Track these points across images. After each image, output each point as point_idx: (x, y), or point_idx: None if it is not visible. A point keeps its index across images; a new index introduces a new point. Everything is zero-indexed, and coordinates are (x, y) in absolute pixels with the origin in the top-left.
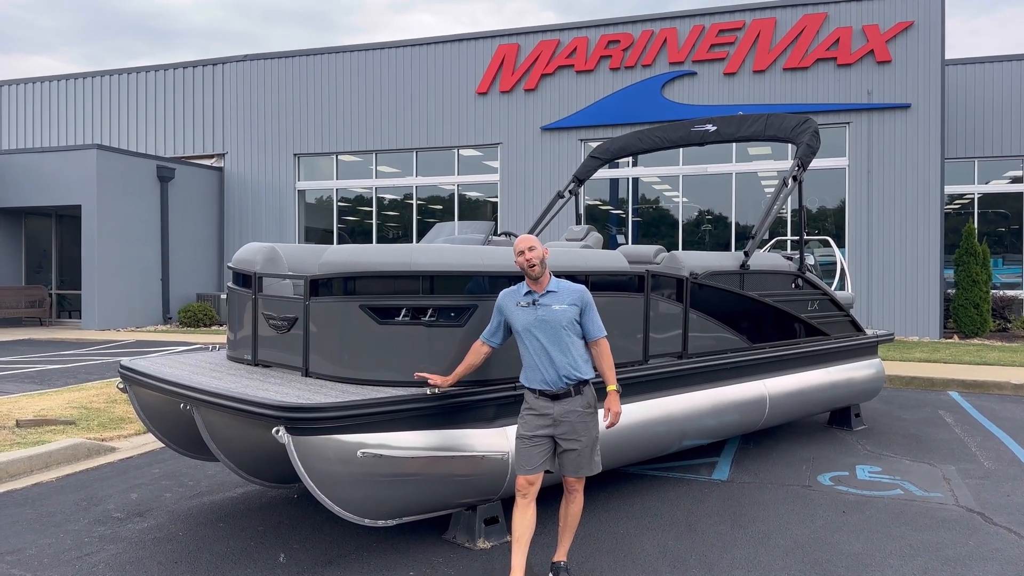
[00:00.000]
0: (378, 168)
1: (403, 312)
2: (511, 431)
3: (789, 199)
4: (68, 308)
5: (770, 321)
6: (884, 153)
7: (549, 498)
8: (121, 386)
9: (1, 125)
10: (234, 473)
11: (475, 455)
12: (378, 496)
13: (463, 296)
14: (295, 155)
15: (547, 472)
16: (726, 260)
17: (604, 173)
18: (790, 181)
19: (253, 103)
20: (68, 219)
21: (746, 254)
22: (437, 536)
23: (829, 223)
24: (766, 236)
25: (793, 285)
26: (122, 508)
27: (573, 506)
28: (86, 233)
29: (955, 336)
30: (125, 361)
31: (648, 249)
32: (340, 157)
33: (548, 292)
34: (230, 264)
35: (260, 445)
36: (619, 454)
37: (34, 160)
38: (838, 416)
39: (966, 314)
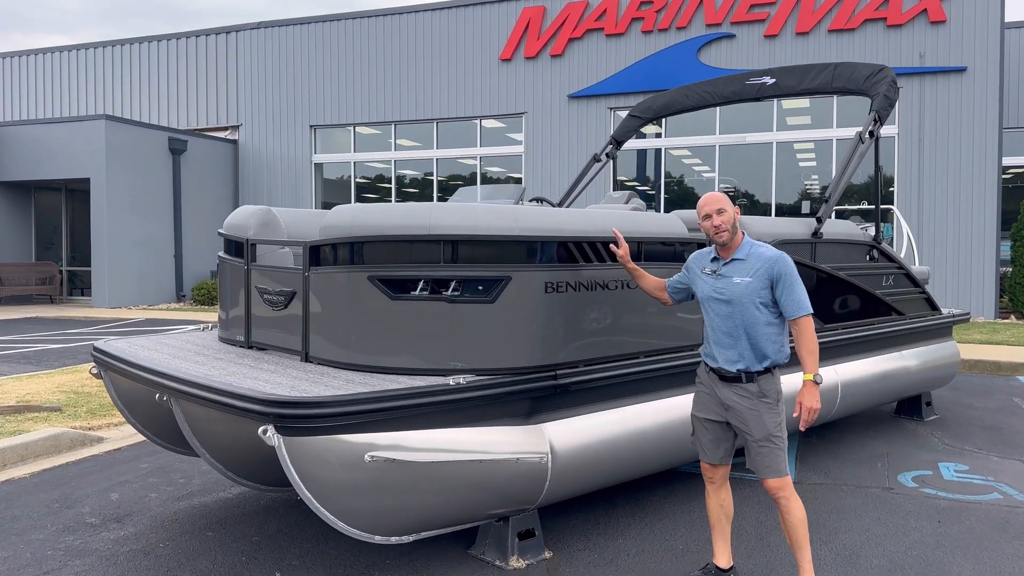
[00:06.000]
0: (397, 141)
1: (421, 285)
2: (550, 430)
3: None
4: (80, 286)
5: (843, 298)
6: (937, 120)
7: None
8: (95, 371)
9: (12, 97)
10: (221, 475)
11: (507, 458)
12: (390, 508)
13: (493, 266)
14: (311, 127)
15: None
16: (797, 227)
17: (631, 144)
18: (866, 137)
19: (268, 73)
20: (78, 193)
21: (819, 220)
22: (462, 551)
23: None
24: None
25: (868, 257)
26: (99, 511)
27: (787, 517)
28: (95, 207)
29: (1012, 316)
30: (99, 343)
31: None
32: (358, 129)
33: (733, 260)
34: (220, 230)
35: (250, 442)
36: (674, 451)
37: (42, 132)
38: (907, 405)
39: (1023, 293)
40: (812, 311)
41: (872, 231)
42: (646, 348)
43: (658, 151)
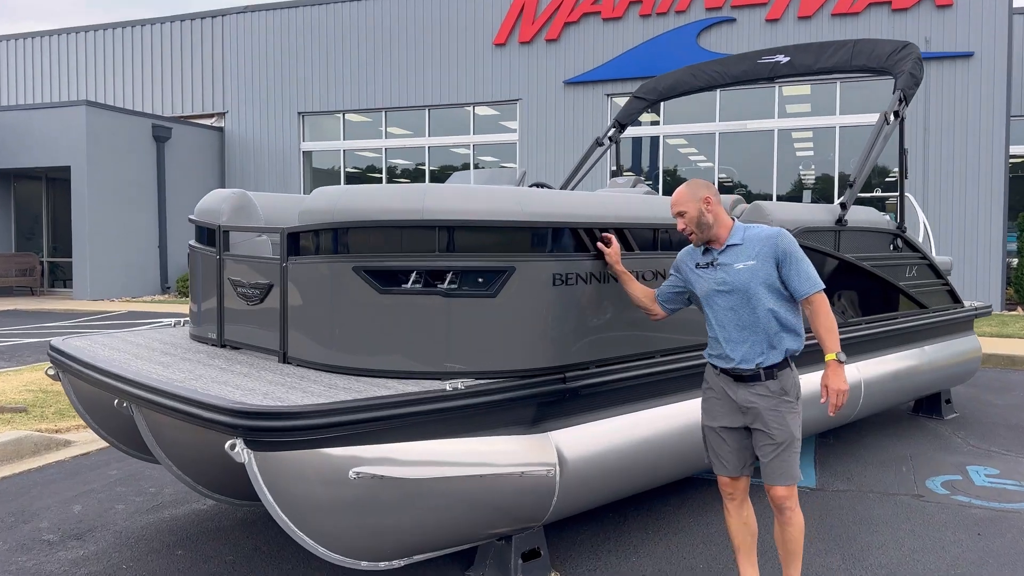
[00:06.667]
0: (388, 129)
1: (413, 277)
2: (558, 438)
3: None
4: (62, 277)
5: (866, 290)
6: (943, 107)
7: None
8: (52, 372)
9: None
10: (190, 488)
11: (511, 472)
12: (378, 530)
13: (495, 256)
14: (299, 114)
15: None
16: (820, 214)
17: (626, 131)
18: (891, 118)
19: (255, 58)
20: (60, 182)
21: (843, 206)
22: (459, 571)
23: (878, 182)
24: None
25: (891, 246)
26: (58, 526)
27: (788, 529)
28: (76, 196)
29: (1018, 308)
30: (55, 341)
31: (723, 200)
32: (347, 116)
33: (729, 247)
34: (191, 216)
35: (220, 454)
36: (694, 458)
37: (21, 118)
38: (926, 402)
39: None
40: (824, 286)
41: (886, 217)
42: (662, 346)
43: (654, 139)
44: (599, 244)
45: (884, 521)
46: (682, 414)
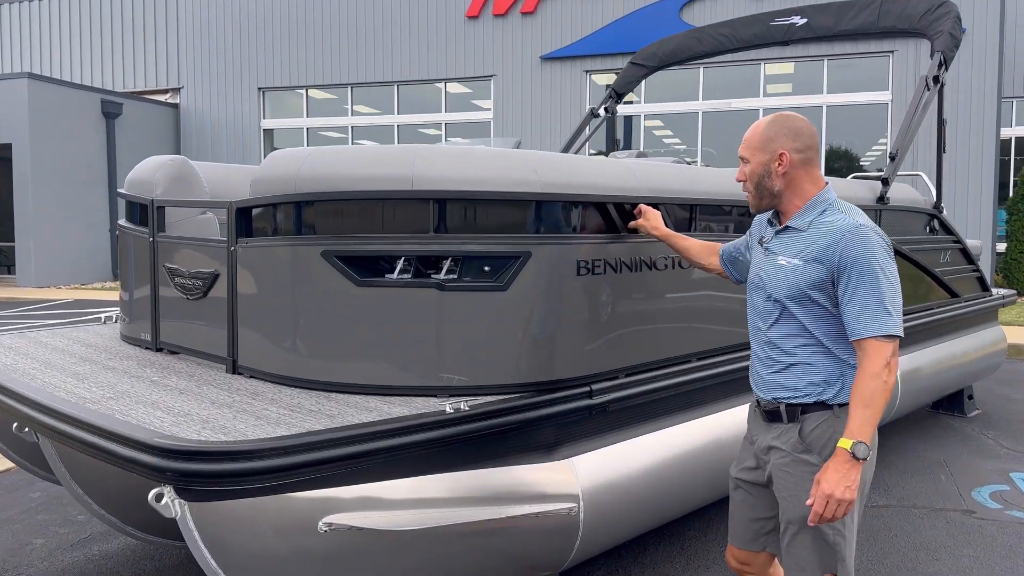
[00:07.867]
0: (354, 107)
1: (401, 264)
2: (582, 465)
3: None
4: (5, 263)
5: (904, 277)
6: None
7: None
8: None
9: None
10: (116, 530)
11: (524, 513)
12: None
13: (505, 238)
14: (260, 89)
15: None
16: (861, 191)
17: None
18: (931, 83)
19: (212, 30)
20: (0, 160)
21: (884, 182)
22: None
23: (868, 164)
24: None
25: (927, 228)
26: None
27: None
28: (18, 176)
29: None
30: None
31: None
32: (310, 92)
33: (787, 229)
34: (121, 189)
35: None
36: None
37: None
38: (947, 398)
39: (1020, 269)
40: (898, 332)
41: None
42: (700, 348)
43: (627, 118)
44: (637, 214)
45: (942, 545)
46: (720, 424)
